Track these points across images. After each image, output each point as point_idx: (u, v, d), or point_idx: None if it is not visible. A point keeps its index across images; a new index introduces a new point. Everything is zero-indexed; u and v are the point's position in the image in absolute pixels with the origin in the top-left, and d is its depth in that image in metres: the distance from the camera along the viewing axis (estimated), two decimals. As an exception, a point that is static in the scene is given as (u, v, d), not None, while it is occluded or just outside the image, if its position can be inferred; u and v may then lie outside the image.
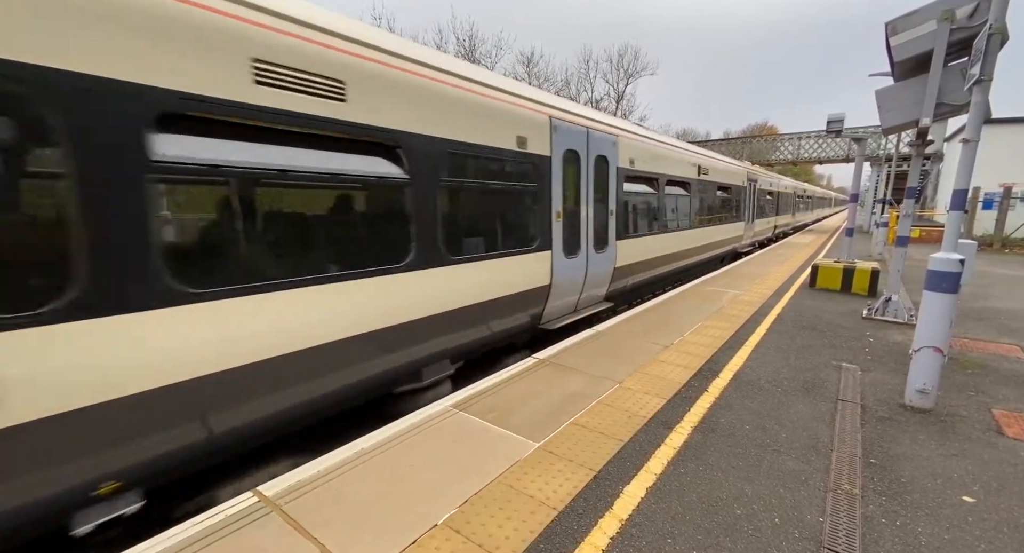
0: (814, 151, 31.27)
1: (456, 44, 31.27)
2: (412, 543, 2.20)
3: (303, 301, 3.03)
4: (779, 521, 2.42)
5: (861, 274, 8.37)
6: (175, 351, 2.44)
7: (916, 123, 4.99)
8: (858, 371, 4.55)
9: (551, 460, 2.91)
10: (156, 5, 2.33)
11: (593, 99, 38.85)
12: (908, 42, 4.73)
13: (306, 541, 2.19)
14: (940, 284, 3.63)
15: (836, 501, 2.58)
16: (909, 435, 3.34)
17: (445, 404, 3.64)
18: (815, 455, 3.04)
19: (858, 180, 10.17)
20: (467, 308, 4.33)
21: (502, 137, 4.67)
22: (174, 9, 2.39)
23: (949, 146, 26.23)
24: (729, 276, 10.07)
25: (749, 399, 3.88)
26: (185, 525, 2.27)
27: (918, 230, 18.98)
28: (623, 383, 4.13)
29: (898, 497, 2.64)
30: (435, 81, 3.92)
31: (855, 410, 3.70)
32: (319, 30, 3.09)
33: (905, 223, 6.38)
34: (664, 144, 8.75)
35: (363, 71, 3.34)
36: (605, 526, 2.36)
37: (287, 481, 2.63)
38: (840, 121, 9.79)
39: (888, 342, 5.49)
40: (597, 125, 6.37)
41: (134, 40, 2.25)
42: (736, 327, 5.98)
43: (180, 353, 2.46)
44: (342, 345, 3.29)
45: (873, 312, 6.70)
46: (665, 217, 8.77)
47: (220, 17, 2.57)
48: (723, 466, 2.90)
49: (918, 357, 3.76)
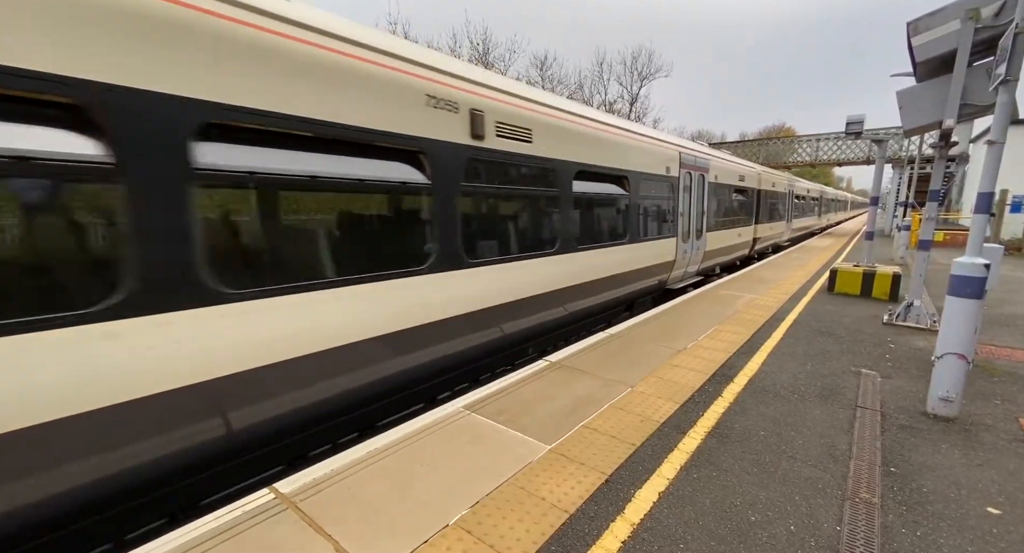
0: (833, 153, 30.73)
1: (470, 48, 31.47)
2: (424, 542, 2.22)
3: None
4: (795, 529, 2.38)
5: (882, 278, 8.19)
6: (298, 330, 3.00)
7: (939, 124, 4.88)
8: (878, 377, 4.45)
9: (563, 463, 2.91)
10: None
11: (607, 101, 38.72)
12: (931, 42, 4.63)
13: (321, 538, 2.23)
14: (964, 289, 3.53)
15: (854, 510, 2.53)
16: (931, 444, 3.26)
17: (457, 405, 3.67)
18: (832, 463, 2.98)
19: (878, 183, 9.94)
20: (642, 269, 7.46)
21: (660, 167, 7.82)
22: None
23: (975, 148, 25.50)
24: (744, 280, 9.94)
25: (764, 405, 3.83)
26: (206, 519, 2.32)
27: (942, 234, 18.49)
28: (636, 387, 4.10)
29: (919, 507, 2.58)
30: (654, 141, 7.75)
31: (875, 417, 3.62)
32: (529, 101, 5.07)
33: (928, 226, 6.23)
34: (733, 162, 12.24)
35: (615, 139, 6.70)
36: (617, 530, 2.35)
37: (303, 479, 2.68)
38: (860, 122, 9.60)
39: (910, 348, 5.36)
40: (698, 154, 9.52)
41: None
42: (751, 332, 5.90)
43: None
44: (553, 295, 5.48)
45: (894, 317, 6.54)
46: (734, 216, 11.94)
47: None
48: (737, 472, 2.87)
49: (941, 364, 3.66)
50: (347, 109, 3.16)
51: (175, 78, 2.40)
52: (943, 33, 4.53)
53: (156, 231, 2.37)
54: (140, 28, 2.26)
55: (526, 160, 4.83)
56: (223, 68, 2.56)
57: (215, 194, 2.68)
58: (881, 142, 9.93)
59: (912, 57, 4.89)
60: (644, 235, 7.43)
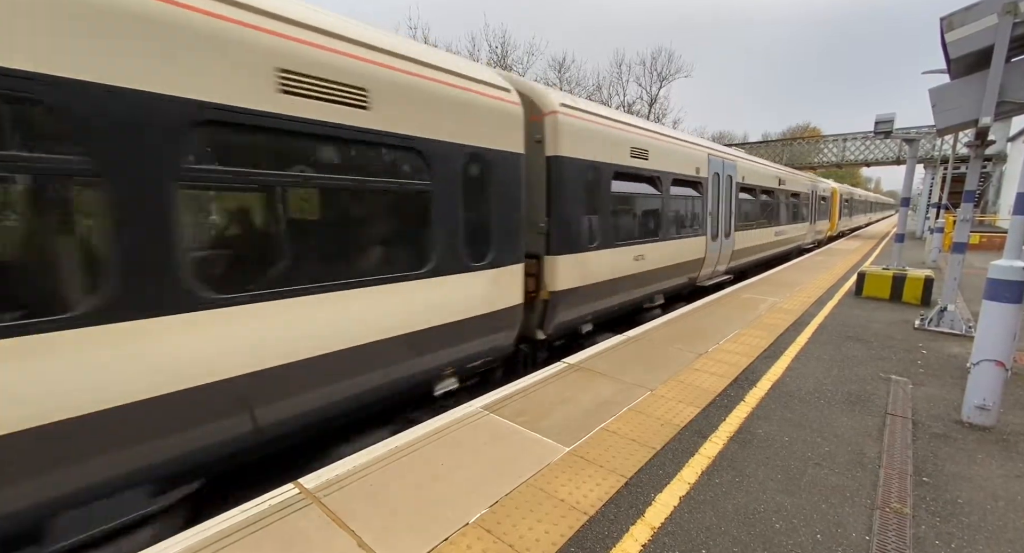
0: (861, 153, 29.84)
1: (488, 51, 31.67)
2: (444, 540, 2.25)
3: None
4: (821, 537, 2.32)
5: (913, 282, 7.91)
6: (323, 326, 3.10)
7: (975, 123, 4.70)
8: (909, 384, 4.31)
9: (581, 465, 2.90)
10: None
11: (625, 103, 38.44)
12: (966, 38, 4.47)
13: (344, 533, 2.28)
14: (1002, 293, 3.40)
15: (884, 519, 2.45)
16: (967, 453, 3.14)
17: (476, 406, 3.69)
18: (861, 471, 2.90)
19: (909, 183, 9.61)
20: (673, 265, 7.73)
21: (691, 168, 8.05)
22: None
23: (1013, 146, 24.45)
24: (767, 284, 9.73)
25: (789, 410, 3.74)
26: (233, 512, 2.39)
27: (977, 236, 17.77)
28: (655, 390, 4.06)
29: (953, 518, 2.49)
30: (688, 144, 8.17)
31: (906, 425, 3.51)
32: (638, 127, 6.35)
33: (963, 228, 6.00)
34: (761, 164, 12.43)
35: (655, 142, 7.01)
36: (636, 533, 2.34)
37: (326, 475, 2.74)
38: (890, 121, 9.28)
39: (943, 355, 5.17)
40: (726, 156, 9.75)
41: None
42: (775, 336, 5.78)
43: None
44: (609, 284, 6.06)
45: (926, 322, 6.31)
46: (760, 216, 11.99)
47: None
48: (760, 478, 2.81)
49: (977, 371, 3.53)
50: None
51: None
52: (979, 28, 4.36)
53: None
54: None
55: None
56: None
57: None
58: (912, 141, 9.61)
59: (946, 54, 4.73)
60: (677, 233, 7.83)
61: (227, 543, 2.19)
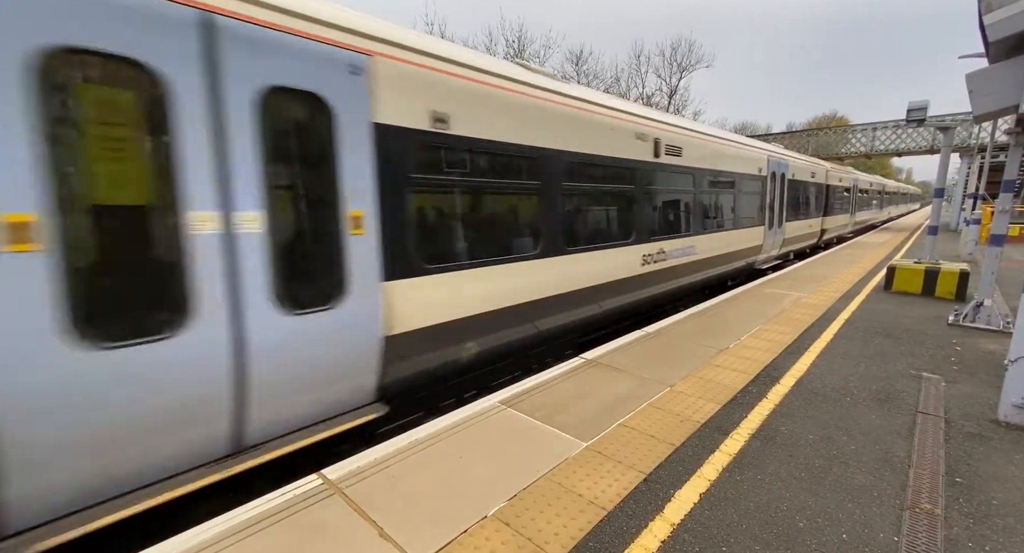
0: (891, 143, 28.66)
1: (505, 45, 31.52)
2: (463, 532, 2.28)
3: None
4: (847, 537, 2.27)
5: (947, 276, 7.60)
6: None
7: (1015, 109, 4.47)
8: (942, 382, 4.16)
9: (600, 460, 2.90)
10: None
11: (644, 95, 37.75)
12: (1007, 19, 4.24)
13: (365, 523, 2.33)
14: (1043, 287, 3.25)
15: (914, 520, 2.38)
16: (1003, 454, 3.02)
17: (493, 400, 3.72)
18: (889, 470, 2.82)
19: (944, 173, 9.21)
20: (741, 249, 9.54)
21: (756, 168, 9.83)
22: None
23: (1058, 133, 23.11)
24: (791, 278, 9.49)
25: (813, 407, 3.66)
26: (259, 501, 2.48)
27: (1017, 228, 16.96)
28: (675, 386, 4.02)
29: (988, 520, 2.40)
30: (751, 148, 9.88)
31: (938, 424, 3.39)
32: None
33: (1001, 220, 5.73)
34: (807, 161, 14.19)
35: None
36: (656, 529, 2.32)
37: (348, 466, 2.80)
38: (923, 109, 8.95)
39: (978, 351, 4.97)
40: (782, 157, 11.45)
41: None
42: (799, 331, 5.64)
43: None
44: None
45: (961, 318, 6.07)
46: (808, 209, 13.80)
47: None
48: (783, 476, 2.76)
49: (1015, 368, 3.38)
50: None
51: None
52: (1020, 9, 4.14)
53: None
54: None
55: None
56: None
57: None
58: (947, 129, 9.20)
59: (984, 37, 4.51)
60: (742, 224, 9.61)
61: (253, 531, 2.26)
